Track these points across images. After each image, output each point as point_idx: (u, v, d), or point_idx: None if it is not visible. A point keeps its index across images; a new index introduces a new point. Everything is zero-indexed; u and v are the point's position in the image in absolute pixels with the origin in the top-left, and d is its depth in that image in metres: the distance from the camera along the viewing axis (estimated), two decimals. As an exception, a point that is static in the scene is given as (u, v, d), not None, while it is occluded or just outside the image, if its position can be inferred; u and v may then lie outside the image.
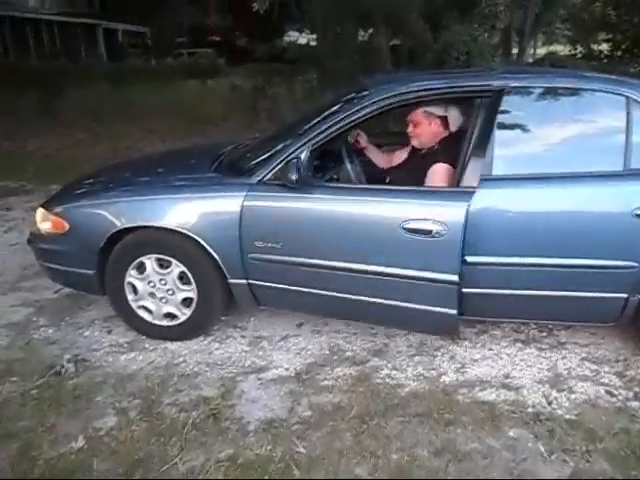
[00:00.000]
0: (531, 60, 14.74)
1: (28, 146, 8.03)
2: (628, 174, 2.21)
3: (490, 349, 2.51)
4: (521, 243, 2.24)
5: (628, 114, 2.24)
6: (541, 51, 21.51)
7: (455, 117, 2.58)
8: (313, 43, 11.27)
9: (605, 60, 9.82)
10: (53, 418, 2.09)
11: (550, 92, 2.41)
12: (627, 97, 2.26)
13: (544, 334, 2.62)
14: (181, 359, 2.47)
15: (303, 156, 2.22)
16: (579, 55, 10.69)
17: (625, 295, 2.23)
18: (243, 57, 20.78)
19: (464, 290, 2.31)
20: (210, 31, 27.91)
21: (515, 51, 14.59)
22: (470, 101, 2.57)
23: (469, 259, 2.25)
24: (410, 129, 2.63)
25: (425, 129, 2.57)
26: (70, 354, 2.49)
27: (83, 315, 2.91)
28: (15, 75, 10.73)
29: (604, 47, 10.45)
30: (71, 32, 21.78)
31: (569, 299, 2.29)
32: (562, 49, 14.13)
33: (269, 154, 2.47)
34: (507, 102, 2.34)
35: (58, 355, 2.51)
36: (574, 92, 2.39)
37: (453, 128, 2.58)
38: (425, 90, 2.38)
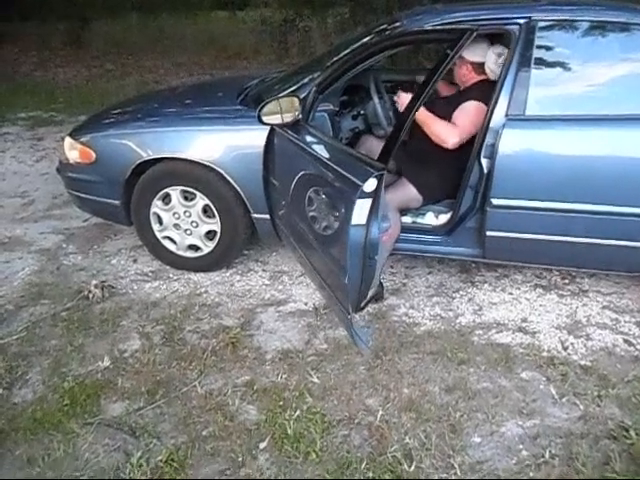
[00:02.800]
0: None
1: (58, 76, 8.05)
2: None
3: (510, 293, 2.50)
4: (550, 187, 2.17)
5: None
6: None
7: (493, 66, 2.36)
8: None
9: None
10: (81, 339, 2.20)
11: (597, 26, 2.26)
12: None
13: (566, 281, 2.59)
14: (203, 289, 2.54)
15: (312, 93, 2.19)
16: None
17: (655, 244, 2.17)
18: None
19: (488, 233, 2.28)
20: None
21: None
22: (507, 35, 2.41)
23: (495, 202, 2.21)
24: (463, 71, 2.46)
25: (464, 73, 2.43)
26: (98, 280, 2.58)
27: (110, 244, 3.00)
28: (43, 4, 10.56)
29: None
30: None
31: (597, 246, 2.22)
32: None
33: (295, 87, 2.41)
34: (546, 37, 2.21)
35: (86, 281, 2.60)
36: (624, 27, 2.23)
37: (492, 76, 2.36)
38: (457, 22, 2.25)
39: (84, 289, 2.51)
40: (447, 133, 2.26)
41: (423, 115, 2.25)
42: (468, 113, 2.29)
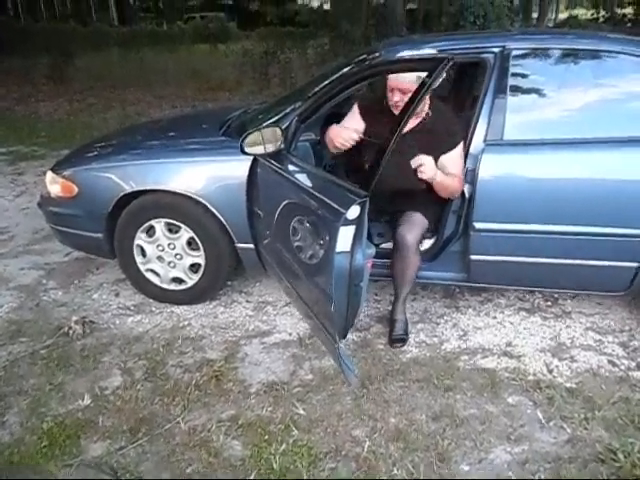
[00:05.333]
0: (551, 25, 14.30)
1: (40, 111, 8.05)
2: None
3: (494, 317, 2.51)
4: (531, 210, 2.21)
5: None
6: (563, 15, 20.85)
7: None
8: (326, 6, 11.01)
9: (629, 24, 9.49)
10: (61, 377, 2.15)
11: (569, 54, 2.34)
12: None
13: (549, 303, 2.61)
14: (186, 322, 2.51)
15: (294, 123, 2.20)
16: (601, 19, 10.34)
17: (636, 264, 2.20)
18: (255, 21, 20.51)
19: (471, 257, 2.31)
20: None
21: (535, 15, 14.18)
22: (482, 64, 2.46)
23: (477, 225, 2.24)
24: (397, 98, 2.17)
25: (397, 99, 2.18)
26: (78, 316, 2.53)
27: (92, 278, 2.96)
28: (26, 39, 10.67)
29: (628, 11, 10.09)
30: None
31: (579, 267, 2.26)
32: (585, 13, 13.66)
33: (277, 117, 2.44)
34: (520, 64, 2.29)
35: (67, 317, 2.55)
36: (594, 54, 2.32)
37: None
38: (434, 52, 2.30)
39: (64, 325, 2.46)
40: (456, 188, 2.19)
41: (442, 179, 2.14)
42: (460, 157, 2.22)
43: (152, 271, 2.61)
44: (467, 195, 2.24)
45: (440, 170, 2.15)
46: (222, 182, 2.40)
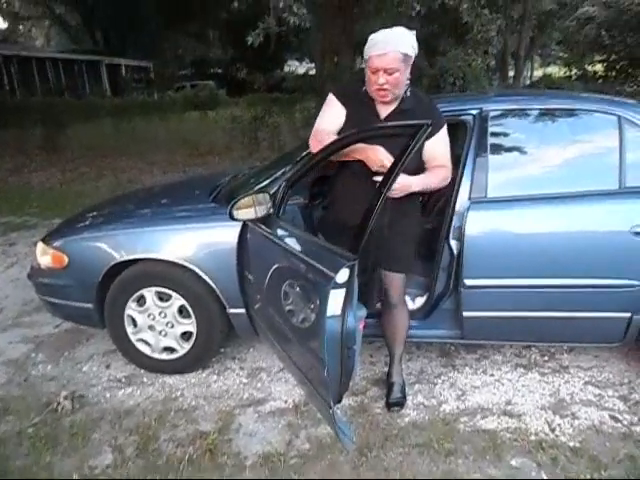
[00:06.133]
0: (528, 82, 14.96)
1: (32, 181, 8.14)
2: (624, 192, 2.22)
3: (492, 375, 2.47)
4: (519, 264, 2.24)
5: (620, 133, 2.26)
6: (538, 73, 21.85)
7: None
8: (312, 72, 11.43)
9: (600, 80, 9.93)
10: (49, 457, 2.07)
11: (544, 114, 2.44)
12: (619, 116, 2.28)
13: (546, 358, 2.59)
14: (179, 393, 2.45)
15: (282, 188, 2.21)
16: (574, 77, 10.82)
17: (628, 314, 2.22)
18: (243, 88, 21.28)
19: (464, 314, 2.30)
20: (211, 63, 28.51)
21: (512, 74, 14.85)
22: (463, 125, 2.55)
23: (468, 282, 2.25)
24: (382, 80, 1.95)
25: (402, 78, 1.98)
26: (68, 390, 2.47)
27: (82, 350, 2.90)
28: (21, 112, 10.95)
29: (598, 68, 10.58)
30: (75, 68, 22.26)
31: (571, 320, 2.28)
32: (558, 71, 14.30)
33: (265, 183, 2.49)
34: (500, 124, 2.38)
35: (55, 392, 2.49)
36: (568, 113, 2.42)
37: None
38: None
39: (53, 401, 2.39)
40: (443, 179, 2.06)
41: (420, 183, 1.99)
42: (445, 141, 2.09)
43: (143, 341, 2.58)
44: (455, 252, 2.27)
45: (427, 161, 2.03)
46: (212, 248, 2.42)
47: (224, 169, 7.10)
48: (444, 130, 2.08)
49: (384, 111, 2.07)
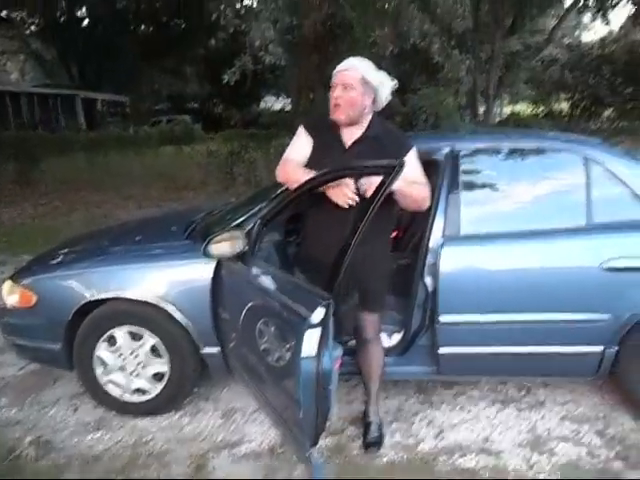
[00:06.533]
0: (498, 119, 15.46)
1: (3, 216, 7.97)
2: (592, 228, 2.27)
3: (469, 411, 2.46)
4: (493, 300, 2.26)
5: (586, 171, 2.34)
6: (508, 109, 22.64)
7: (385, 94, 2.11)
8: (288, 108, 11.60)
9: (566, 118, 10.32)
10: (10, 508, 1.97)
11: (513, 153, 2.52)
12: (584, 155, 2.36)
13: (522, 393, 2.59)
14: (150, 436, 2.37)
15: (257, 226, 2.21)
16: (541, 114, 11.23)
17: (600, 348, 2.25)
18: (219, 123, 21.47)
19: (440, 350, 2.30)
20: (188, 98, 28.77)
21: (482, 110, 15.35)
22: (436, 163, 2.58)
23: (443, 318, 2.26)
24: (338, 93, 2.04)
25: (358, 98, 2.03)
26: (33, 436, 2.37)
27: (49, 393, 2.79)
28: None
29: (564, 106, 11.02)
30: (50, 102, 22.17)
31: (545, 354, 2.30)
32: (526, 108, 14.83)
33: (240, 220, 2.48)
34: (471, 162, 2.44)
35: (20, 437, 2.38)
36: (536, 151, 2.50)
37: (378, 108, 2.14)
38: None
39: (17, 447, 2.29)
40: (423, 195, 2.03)
41: (400, 188, 1.91)
42: (417, 161, 2.09)
43: (113, 382, 2.49)
44: (430, 289, 2.28)
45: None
46: (186, 286, 2.39)
47: (200, 204, 7.08)
48: (413, 152, 2.08)
49: (348, 137, 2.10)
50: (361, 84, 2.03)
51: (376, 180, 1.87)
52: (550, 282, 2.26)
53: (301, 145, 2.17)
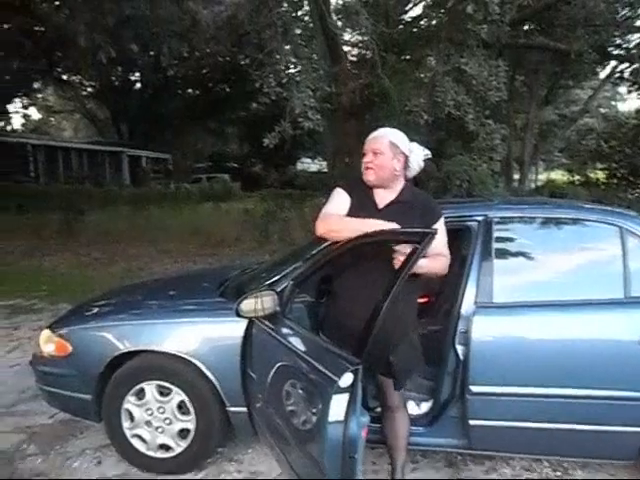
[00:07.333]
0: (533, 186, 15.45)
1: (44, 264, 8.27)
2: (630, 302, 2.22)
3: (500, 490, 2.35)
4: (526, 372, 2.20)
5: (623, 243, 2.31)
6: (543, 177, 22.63)
7: (417, 161, 2.23)
8: (324, 169, 11.85)
9: (603, 187, 10.21)
10: None
11: (548, 222, 2.52)
12: (620, 227, 2.34)
13: (558, 473, 2.46)
14: (171, 496, 2.34)
15: (289, 287, 2.25)
16: (577, 183, 11.16)
17: (642, 429, 2.13)
18: (257, 183, 22.12)
19: (470, 422, 2.23)
20: (228, 157, 29.86)
21: (517, 177, 15.39)
22: (468, 230, 2.59)
23: (474, 389, 2.21)
24: (368, 159, 2.18)
25: (387, 162, 2.15)
26: (55, 489, 2.36)
27: (75, 443, 2.81)
28: (42, 198, 11.39)
29: (600, 175, 10.94)
30: (99, 159, 23.44)
31: (581, 433, 2.19)
32: (562, 176, 14.79)
33: (272, 280, 2.52)
34: (503, 231, 2.44)
35: (42, 489, 2.38)
36: (571, 222, 2.48)
37: (410, 174, 2.25)
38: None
39: (38, 499, 2.28)
40: (443, 267, 2.11)
41: (424, 265, 2.00)
42: (444, 231, 2.16)
43: (139, 437, 2.50)
44: (462, 357, 2.24)
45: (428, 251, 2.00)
46: (217, 343, 2.42)
47: (234, 260, 7.21)
48: (442, 220, 2.16)
49: (381, 200, 2.18)
50: (390, 149, 2.15)
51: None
52: (586, 356, 2.19)
53: (340, 202, 2.23)
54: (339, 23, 8.26)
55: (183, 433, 2.46)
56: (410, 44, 8.16)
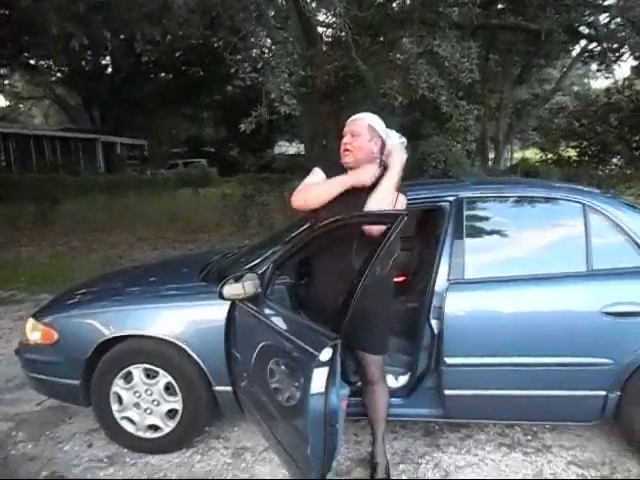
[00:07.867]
0: (508, 164, 15.68)
1: (22, 255, 8.17)
2: (591, 275, 2.35)
3: (475, 454, 2.48)
4: (497, 344, 2.33)
5: (585, 219, 2.43)
6: (518, 155, 22.92)
7: (395, 147, 2.30)
8: (301, 152, 11.85)
9: (575, 165, 10.45)
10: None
11: (517, 201, 2.63)
12: (583, 204, 2.46)
13: (529, 437, 2.61)
14: (162, 474, 2.42)
15: (270, 269, 2.32)
16: (549, 161, 11.39)
17: (604, 392, 2.28)
18: (234, 167, 21.96)
19: (446, 392, 2.36)
20: (204, 142, 29.52)
21: (492, 156, 15.59)
22: (441, 210, 2.69)
23: (448, 360, 2.32)
24: (347, 140, 2.26)
25: (365, 144, 2.23)
26: (48, 470, 2.43)
27: (64, 428, 2.87)
28: (16, 188, 11.17)
29: (572, 153, 11.18)
30: (72, 146, 22.93)
31: (548, 398, 2.34)
32: (536, 155, 15.03)
33: (254, 263, 2.60)
34: (474, 210, 2.55)
35: (36, 472, 2.45)
36: (539, 200, 2.61)
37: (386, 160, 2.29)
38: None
39: (32, 482, 2.35)
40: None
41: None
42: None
43: (128, 419, 2.57)
44: (436, 331, 2.36)
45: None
46: (201, 326, 2.48)
47: (214, 246, 7.24)
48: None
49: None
50: (368, 131, 2.24)
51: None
52: (551, 326, 2.32)
53: (316, 179, 2.33)
54: (313, 5, 8.20)
55: (171, 413, 2.54)
56: (384, 26, 8.17)
